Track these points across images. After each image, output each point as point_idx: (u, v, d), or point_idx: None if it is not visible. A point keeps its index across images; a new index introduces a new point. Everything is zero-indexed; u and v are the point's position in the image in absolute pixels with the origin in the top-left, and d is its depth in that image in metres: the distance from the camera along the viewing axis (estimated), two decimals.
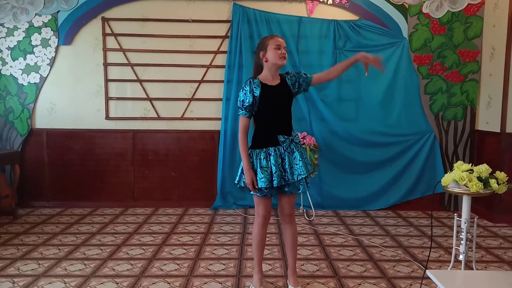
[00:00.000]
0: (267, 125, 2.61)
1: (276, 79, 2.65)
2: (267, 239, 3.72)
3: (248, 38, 4.71)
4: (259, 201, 2.63)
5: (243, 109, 2.59)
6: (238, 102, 2.62)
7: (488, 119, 4.64)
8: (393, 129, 4.81)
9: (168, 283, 2.91)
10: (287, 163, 2.56)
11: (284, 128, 2.61)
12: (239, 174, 2.65)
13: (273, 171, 2.53)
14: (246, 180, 2.57)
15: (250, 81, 2.59)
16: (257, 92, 2.55)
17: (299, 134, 4.46)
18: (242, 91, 2.59)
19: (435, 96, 4.81)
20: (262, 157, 2.56)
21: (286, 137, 2.59)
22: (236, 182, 2.67)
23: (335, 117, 4.77)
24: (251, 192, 2.60)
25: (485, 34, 4.71)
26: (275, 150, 2.57)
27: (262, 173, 2.53)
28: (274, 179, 2.53)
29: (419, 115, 4.82)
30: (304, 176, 2.56)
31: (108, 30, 4.76)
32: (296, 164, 2.57)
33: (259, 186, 2.54)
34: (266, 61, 2.60)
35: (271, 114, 2.60)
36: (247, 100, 2.56)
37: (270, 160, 2.55)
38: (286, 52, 2.64)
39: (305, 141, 4.43)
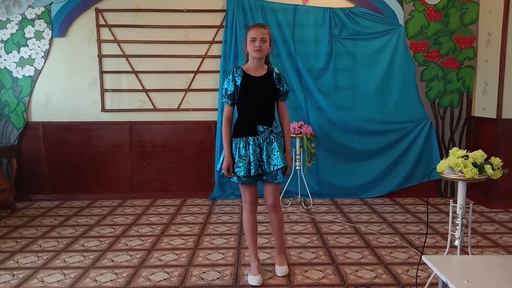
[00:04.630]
0: (247, 114, 2.69)
1: (260, 70, 2.69)
2: (264, 228, 3.78)
3: (243, 27, 4.66)
4: (244, 189, 2.72)
5: (226, 97, 2.68)
6: (222, 90, 2.71)
7: (484, 105, 4.65)
8: (389, 116, 4.81)
9: (167, 273, 2.93)
10: (265, 153, 2.62)
11: (264, 118, 2.66)
12: (221, 161, 2.71)
13: (251, 160, 2.61)
14: (223, 166, 2.65)
15: (233, 70, 2.69)
16: (238, 81, 2.65)
17: (296, 123, 4.47)
18: (226, 79, 2.68)
19: (431, 83, 4.81)
20: (241, 146, 2.64)
21: (265, 127, 2.64)
22: (218, 169, 2.75)
23: (331, 105, 4.76)
24: (232, 179, 2.69)
25: (481, 20, 4.69)
26: (254, 140, 2.64)
27: (240, 162, 2.61)
28: (252, 168, 2.60)
29: (415, 103, 4.82)
30: (280, 167, 2.61)
31: (102, 21, 4.72)
32: (274, 155, 2.63)
33: (238, 175, 2.62)
34: (248, 52, 2.67)
35: (251, 104, 2.67)
36: (230, 89, 2.66)
37: (248, 149, 2.62)
38: (266, 43, 2.61)
39: (302, 130, 4.43)
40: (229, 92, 2.66)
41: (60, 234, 3.76)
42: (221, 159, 2.71)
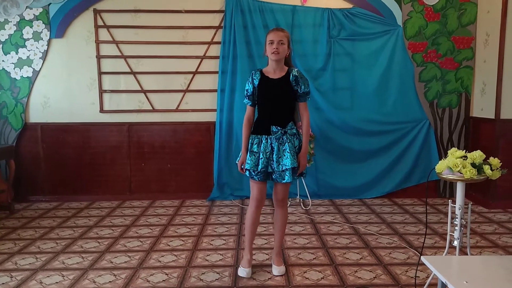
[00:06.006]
0: (263, 114, 2.81)
1: (279, 72, 2.79)
2: (263, 229, 3.78)
3: (242, 28, 4.68)
4: (253, 185, 2.82)
5: (246, 97, 2.85)
6: (244, 91, 2.87)
7: (482, 106, 4.65)
8: (388, 117, 4.81)
9: (166, 274, 2.92)
10: (275, 152, 2.73)
11: (278, 119, 2.76)
12: (238, 157, 2.88)
13: (260, 157, 2.73)
14: (238, 162, 2.84)
15: (253, 72, 2.83)
16: (256, 83, 2.77)
17: None
18: (247, 81, 2.83)
19: (429, 84, 4.82)
20: (254, 142, 2.77)
21: (279, 128, 2.74)
22: (236, 162, 2.90)
23: (330, 106, 4.76)
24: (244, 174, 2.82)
25: (479, 20, 4.70)
26: (266, 139, 2.75)
27: (250, 156, 2.75)
28: (260, 164, 2.72)
29: (414, 103, 4.82)
30: (288, 167, 2.69)
31: (100, 22, 4.71)
32: (284, 155, 2.73)
33: (245, 167, 2.75)
34: (267, 55, 2.78)
35: (267, 104, 2.79)
36: (249, 90, 2.82)
37: (260, 147, 2.74)
38: (283, 45, 2.71)
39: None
40: (248, 93, 2.81)
41: (59, 235, 3.75)
42: (239, 155, 2.87)
